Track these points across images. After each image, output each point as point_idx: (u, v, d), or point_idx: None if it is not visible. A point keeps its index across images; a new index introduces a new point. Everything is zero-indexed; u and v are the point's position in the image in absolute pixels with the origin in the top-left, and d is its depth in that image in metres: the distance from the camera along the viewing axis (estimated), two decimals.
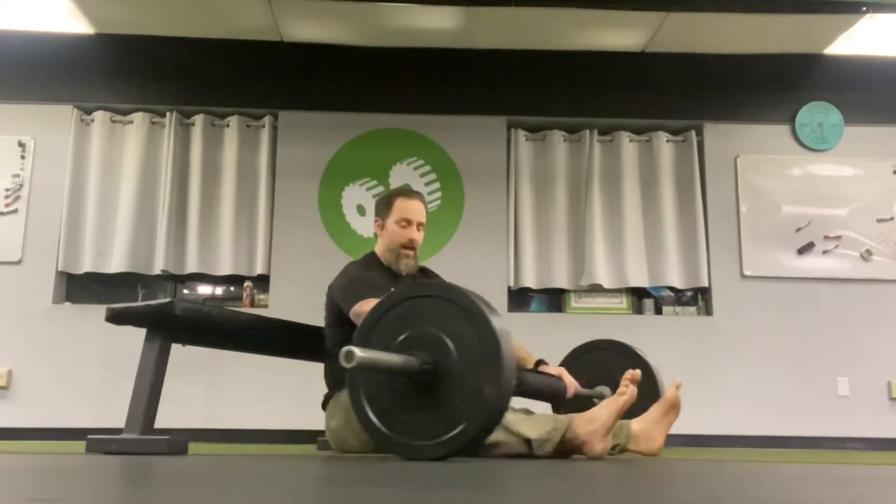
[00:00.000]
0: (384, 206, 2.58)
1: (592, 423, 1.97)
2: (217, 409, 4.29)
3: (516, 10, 4.30)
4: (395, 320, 1.77)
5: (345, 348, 1.58)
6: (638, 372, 2.04)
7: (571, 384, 2.47)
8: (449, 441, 1.63)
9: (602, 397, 2.73)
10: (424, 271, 2.72)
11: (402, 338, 1.72)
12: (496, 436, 2.00)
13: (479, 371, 1.62)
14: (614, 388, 2.76)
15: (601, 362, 2.83)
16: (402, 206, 2.53)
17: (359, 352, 1.55)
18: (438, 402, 1.67)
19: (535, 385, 2.19)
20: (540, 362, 2.54)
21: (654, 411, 2.29)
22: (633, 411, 2.19)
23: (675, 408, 2.26)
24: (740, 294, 4.66)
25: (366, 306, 2.14)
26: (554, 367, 2.53)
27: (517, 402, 2.85)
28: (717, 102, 4.88)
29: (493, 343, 1.61)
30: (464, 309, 1.66)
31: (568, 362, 2.91)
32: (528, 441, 1.99)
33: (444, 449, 1.64)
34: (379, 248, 2.60)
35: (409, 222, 2.52)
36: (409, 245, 2.52)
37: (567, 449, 2.00)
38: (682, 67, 4.83)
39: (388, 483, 1.15)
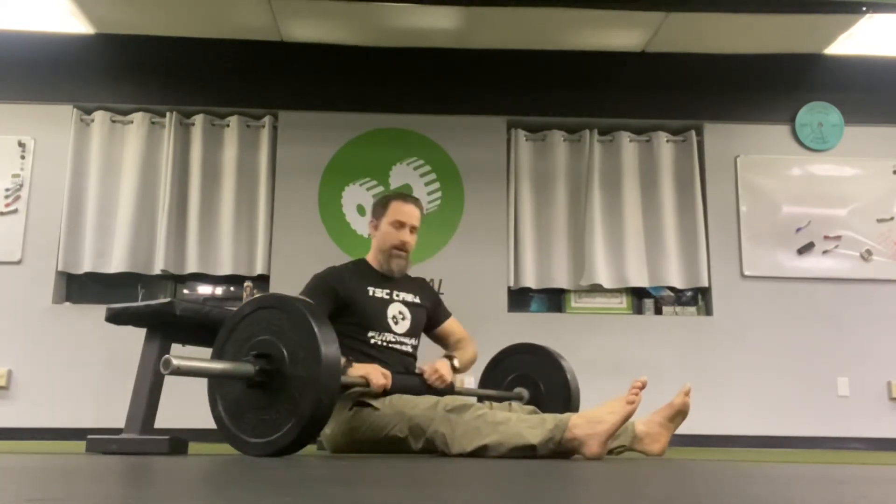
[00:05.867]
0: (380, 206, 2.65)
1: (595, 426, 1.97)
2: None
3: (516, 10, 4.30)
4: (244, 329, 1.93)
5: (164, 357, 1.71)
6: (645, 379, 2.04)
7: (433, 372, 2.43)
8: (282, 437, 1.78)
9: (520, 399, 2.77)
10: (419, 282, 2.74)
11: (249, 344, 1.89)
12: (499, 443, 2.01)
13: (305, 372, 1.78)
14: (532, 391, 2.80)
15: (522, 365, 2.90)
16: (397, 209, 2.60)
17: (175, 360, 1.70)
18: (275, 402, 1.82)
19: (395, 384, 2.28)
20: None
21: (661, 414, 2.29)
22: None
23: (681, 414, 2.26)
24: (740, 294, 4.66)
25: None
26: (440, 361, 2.51)
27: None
28: (717, 102, 4.87)
29: (316, 347, 1.77)
30: (294, 318, 1.84)
31: (490, 366, 2.97)
32: (532, 447, 1.99)
33: (276, 445, 1.79)
34: (371, 250, 2.66)
35: (401, 224, 2.58)
36: (401, 247, 2.58)
37: (565, 449, 2.00)
38: (682, 67, 4.83)
39: (388, 483, 1.15)
